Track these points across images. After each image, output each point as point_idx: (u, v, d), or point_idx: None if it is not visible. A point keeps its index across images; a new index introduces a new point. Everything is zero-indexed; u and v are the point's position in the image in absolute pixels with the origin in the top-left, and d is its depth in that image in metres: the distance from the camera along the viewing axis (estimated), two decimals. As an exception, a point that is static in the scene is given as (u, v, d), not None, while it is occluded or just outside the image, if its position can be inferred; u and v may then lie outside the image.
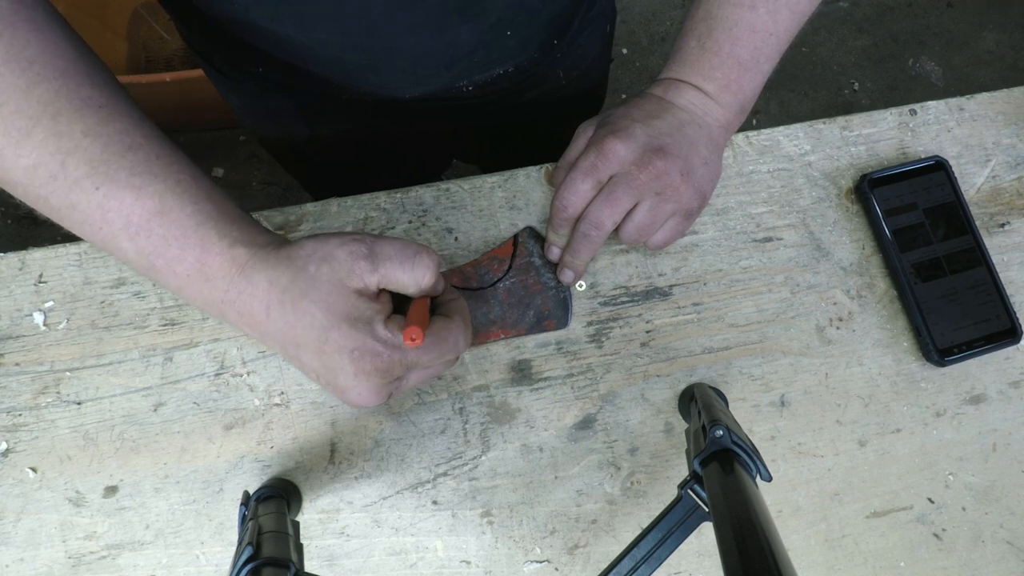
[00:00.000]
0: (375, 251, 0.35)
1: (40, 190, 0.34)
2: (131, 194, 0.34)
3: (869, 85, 1.68)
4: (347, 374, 0.34)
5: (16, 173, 0.33)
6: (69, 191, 0.33)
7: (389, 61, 0.50)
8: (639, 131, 0.43)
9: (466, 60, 0.52)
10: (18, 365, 0.47)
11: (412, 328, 0.33)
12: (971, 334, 0.49)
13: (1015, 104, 0.55)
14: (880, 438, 0.48)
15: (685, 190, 0.43)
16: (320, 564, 0.45)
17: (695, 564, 0.47)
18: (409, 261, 0.35)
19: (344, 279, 0.34)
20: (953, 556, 0.47)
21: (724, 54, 0.44)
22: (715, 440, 0.35)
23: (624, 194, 0.43)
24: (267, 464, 0.46)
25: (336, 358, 0.34)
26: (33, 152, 0.33)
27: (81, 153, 0.33)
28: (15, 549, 0.45)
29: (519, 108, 0.66)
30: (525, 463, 0.47)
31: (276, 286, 0.34)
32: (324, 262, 0.35)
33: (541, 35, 0.55)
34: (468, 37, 0.49)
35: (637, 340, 0.49)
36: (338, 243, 0.35)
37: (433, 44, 0.48)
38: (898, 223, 0.50)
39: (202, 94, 1.00)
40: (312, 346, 0.34)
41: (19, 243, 1.49)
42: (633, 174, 0.42)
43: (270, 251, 0.36)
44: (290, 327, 0.34)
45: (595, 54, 0.68)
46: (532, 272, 0.49)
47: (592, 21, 0.62)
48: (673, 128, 0.44)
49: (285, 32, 0.46)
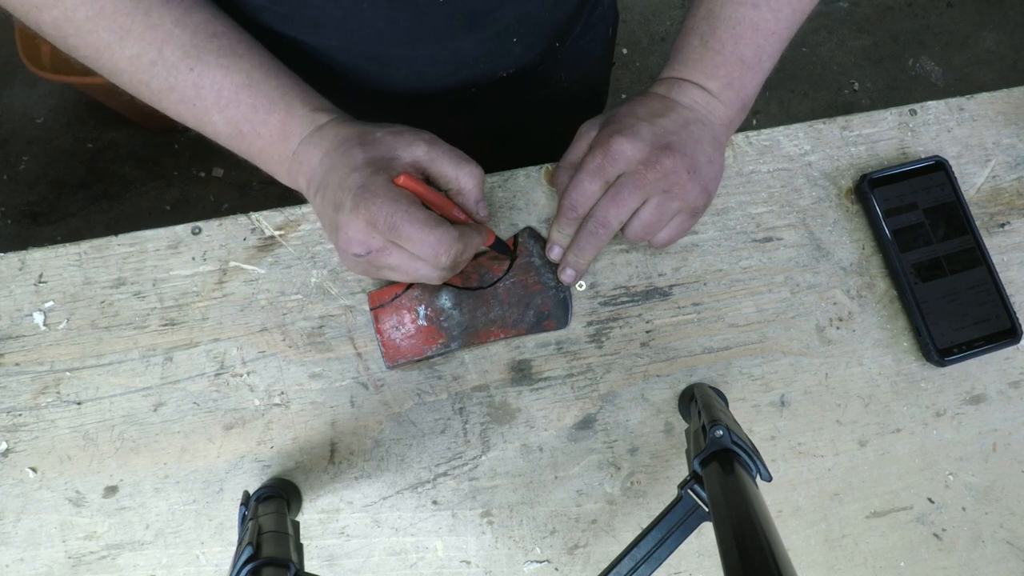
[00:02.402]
0: (435, 142, 0.41)
1: (143, 75, 0.40)
2: (220, 72, 0.40)
3: (869, 85, 1.68)
4: (346, 209, 0.37)
5: (122, 63, 0.39)
6: (168, 74, 0.39)
7: (396, 68, 0.50)
8: (645, 130, 0.43)
9: (471, 67, 0.52)
10: (18, 365, 0.47)
11: (405, 176, 0.38)
12: (971, 334, 0.49)
13: (1015, 104, 0.55)
14: (880, 438, 0.48)
15: (691, 188, 0.43)
16: (320, 564, 0.45)
17: (695, 564, 0.47)
18: (458, 160, 0.41)
19: (399, 148, 0.40)
20: (953, 556, 0.47)
21: (727, 52, 0.44)
22: (715, 440, 0.35)
23: (631, 193, 0.43)
24: (267, 464, 0.46)
25: (346, 193, 0.38)
26: (135, 44, 0.39)
27: (174, 41, 0.39)
28: (15, 549, 0.45)
29: (520, 109, 0.65)
30: (525, 463, 0.47)
31: (339, 138, 0.40)
32: (391, 133, 0.40)
33: (544, 40, 0.55)
34: (474, 47, 0.49)
35: (637, 340, 0.49)
36: (410, 129, 0.41)
37: (440, 53, 0.49)
38: (898, 223, 0.50)
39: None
40: (336, 182, 0.38)
41: (19, 243, 1.49)
42: (640, 173, 0.42)
43: (347, 119, 0.42)
44: (331, 169, 0.39)
45: (597, 56, 0.68)
46: (532, 272, 0.49)
47: (594, 25, 0.62)
48: (678, 126, 0.44)
49: (295, 36, 0.46)
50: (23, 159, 1.55)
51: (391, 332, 0.47)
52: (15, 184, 1.54)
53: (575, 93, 0.69)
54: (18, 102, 1.58)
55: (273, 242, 0.49)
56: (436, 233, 0.37)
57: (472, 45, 0.49)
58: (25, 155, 1.55)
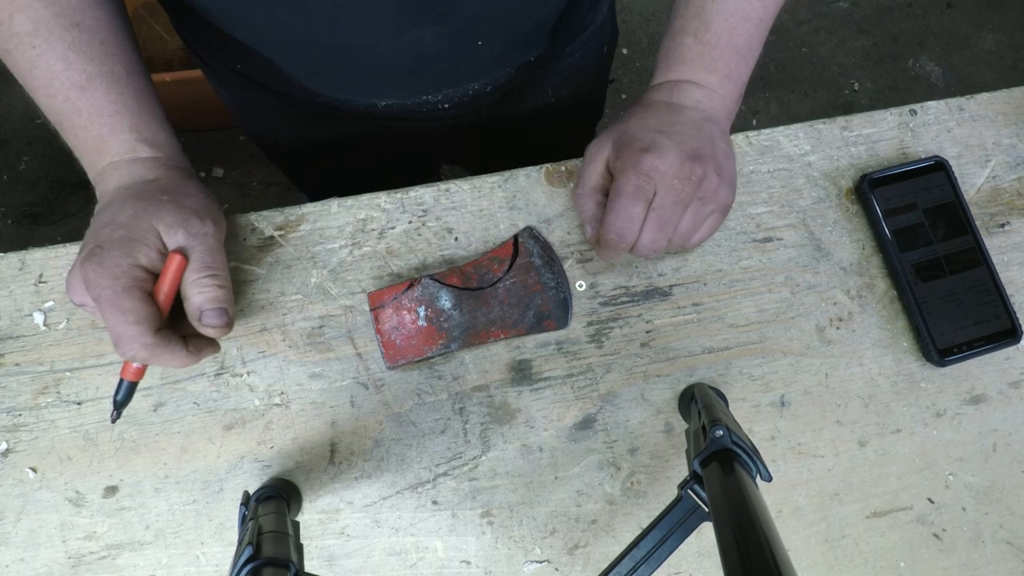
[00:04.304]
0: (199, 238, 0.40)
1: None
2: (61, 64, 0.39)
3: (869, 85, 1.68)
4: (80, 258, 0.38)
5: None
6: (8, 41, 0.39)
7: (353, 57, 0.49)
8: (667, 143, 0.42)
9: (433, 66, 0.51)
10: (18, 365, 0.47)
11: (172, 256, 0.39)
12: (971, 334, 0.49)
13: (1015, 104, 0.55)
14: (880, 438, 0.48)
15: (722, 189, 0.43)
16: (320, 564, 0.45)
17: (695, 564, 0.47)
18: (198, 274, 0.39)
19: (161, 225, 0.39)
20: (953, 556, 0.47)
21: (723, 45, 0.44)
22: (715, 440, 0.35)
23: (673, 212, 0.42)
24: (267, 464, 0.46)
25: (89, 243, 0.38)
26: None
27: (31, 13, 0.38)
28: (15, 549, 0.45)
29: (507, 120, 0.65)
30: (525, 463, 0.47)
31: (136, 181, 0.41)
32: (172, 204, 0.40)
33: (516, 52, 0.54)
34: (433, 40, 0.48)
35: (637, 340, 0.49)
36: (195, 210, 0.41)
37: (396, 43, 0.47)
38: (898, 223, 0.50)
39: (202, 94, 1.00)
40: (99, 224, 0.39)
41: (19, 243, 1.49)
42: (677, 188, 0.41)
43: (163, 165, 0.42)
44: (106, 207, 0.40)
45: (589, 74, 0.67)
46: (532, 272, 0.49)
47: (584, 44, 0.61)
48: (694, 130, 0.43)
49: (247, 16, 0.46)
50: (23, 159, 1.55)
51: (391, 332, 0.47)
52: (15, 184, 1.54)
53: (565, 108, 0.68)
54: (18, 102, 1.58)
55: (273, 242, 0.49)
56: (128, 330, 0.37)
57: (430, 37, 0.47)
58: (25, 155, 1.55)
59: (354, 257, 0.49)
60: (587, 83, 0.69)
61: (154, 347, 0.38)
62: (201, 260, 0.39)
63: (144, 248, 0.38)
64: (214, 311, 0.39)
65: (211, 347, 0.42)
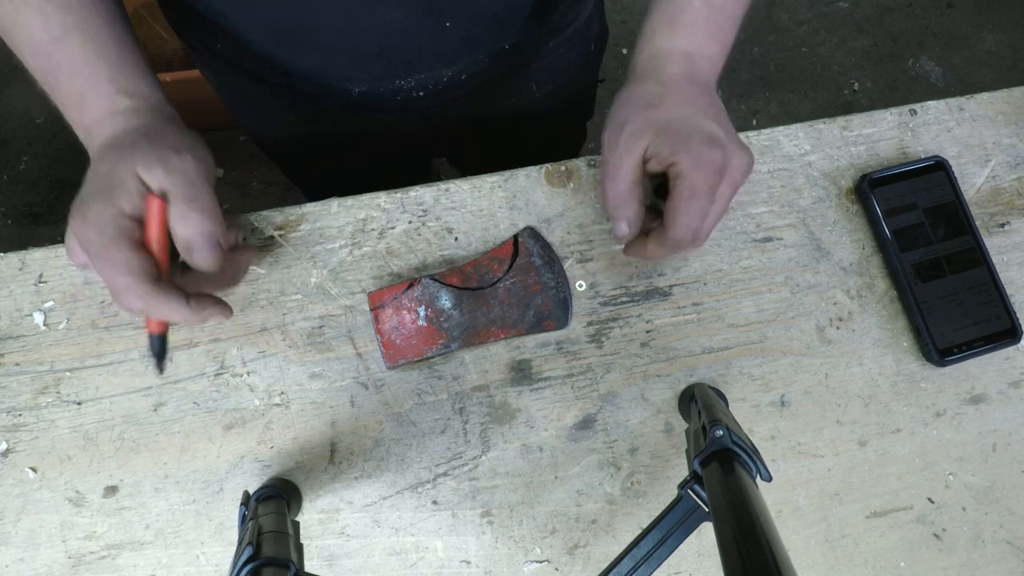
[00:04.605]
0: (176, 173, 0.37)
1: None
2: (38, 18, 0.38)
3: (869, 85, 1.68)
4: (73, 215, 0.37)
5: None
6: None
7: (321, 33, 0.48)
8: (721, 133, 0.40)
9: (401, 47, 0.50)
10: (18, 365, 0.47)
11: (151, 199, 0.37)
12: (971, 334, 0.49)
13: (1015, 104, 0.55)
14: (880, 438, 0.48)
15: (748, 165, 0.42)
16: (320, 564, 0.45)
17: (695, 564, 0.47)
18: (186, 209, 0.37)
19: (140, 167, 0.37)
20: (953, 556, 0.47)
21: (728, 11, 0.43)
22: (715, 440, 0.35)
23: (729, 203, 0.41)
24: (267, 464, 0.46)
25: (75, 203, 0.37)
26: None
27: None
28: (15, 549, 0.45)
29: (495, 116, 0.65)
30: (525, 463, 0.47)
31: (117, 133, 0.39)
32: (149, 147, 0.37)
33: (488, 37, 0.53)
34: (401, 17, 0.47)
35: (637, 340, 0.49)
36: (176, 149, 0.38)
37: (364, 19, 0.47)
38: (898, 223, 0.50)
39: (202, 94, 1.00)
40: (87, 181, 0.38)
41: (19, 243, 1.49)
42: (737, 181, 0.41)
43: (144, 112, 0.40)
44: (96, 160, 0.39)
45: (576, 71, 0.67)
46: (532, 272, 0.49)
47: (569, 40, 0.61)
48: (717, 110, 0.42)
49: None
50: (23, 159, 1.55)
51: (391, 332, 0.47)
52: (15, 184, 1.54)
53: (552, 106, 0.67)
54: (18, 102, 1.58)
55: (273, 242, 0.49)
56: (121, 280, 0.36)
57: (398, 15, 0.47)
58: (25, 155, 1.55)
59: (354, 257, 0.49)
60: (575, 81, 0.68)
61: (149, 297, 0.36)
62: (183, 193, 0.37)
63: (125, 194, 0.36)
64: (203, 243, 0.37)
65: (216, 306, 0.39)
